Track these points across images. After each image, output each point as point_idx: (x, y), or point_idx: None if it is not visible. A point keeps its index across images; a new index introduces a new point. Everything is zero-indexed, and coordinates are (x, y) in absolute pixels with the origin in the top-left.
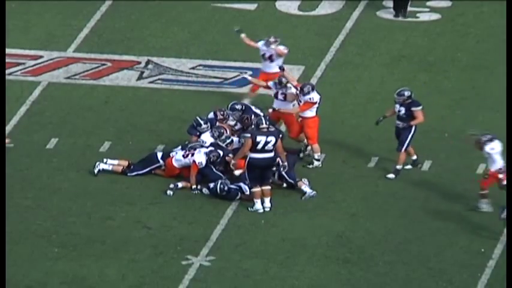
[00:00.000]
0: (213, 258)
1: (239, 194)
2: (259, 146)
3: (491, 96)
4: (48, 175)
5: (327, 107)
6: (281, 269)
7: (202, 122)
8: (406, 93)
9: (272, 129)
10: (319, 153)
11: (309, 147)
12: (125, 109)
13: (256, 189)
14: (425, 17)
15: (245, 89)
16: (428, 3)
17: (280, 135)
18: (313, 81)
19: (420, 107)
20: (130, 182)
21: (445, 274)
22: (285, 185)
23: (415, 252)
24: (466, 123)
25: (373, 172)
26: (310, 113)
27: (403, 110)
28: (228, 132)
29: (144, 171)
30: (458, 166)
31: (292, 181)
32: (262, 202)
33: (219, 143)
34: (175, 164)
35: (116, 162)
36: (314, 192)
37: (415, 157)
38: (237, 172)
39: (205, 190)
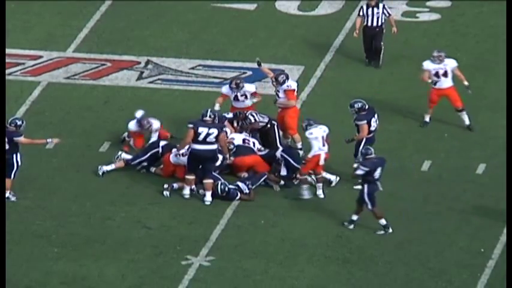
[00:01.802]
0: (213, 258)
1: (238, 194)
2: (201, 137)
3: (491, 97)
4: (48, 175)
5: (327, 107)
6: (281, 269)
7: (209, 114)
8: (356, 106)
9: (216, 122)
10: (300, 143)
11: (289, 139)
12: (125, 109)
13: (190, 177)
14: (425, 17)
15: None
16: (428, 3)
17: (224, 129)
18: (313, 81)
19: (363, 122)
20: (130, 182)
21: (444, 274)
22: (282, 182)
23: (415, 252)
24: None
25: None
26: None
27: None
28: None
29: (145, 156)
30: (458, 166)
31: (296, 164)
32: (192, 190)
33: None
34: (171, 160)
35: (113, 166)
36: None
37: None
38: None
39: (202, 191)
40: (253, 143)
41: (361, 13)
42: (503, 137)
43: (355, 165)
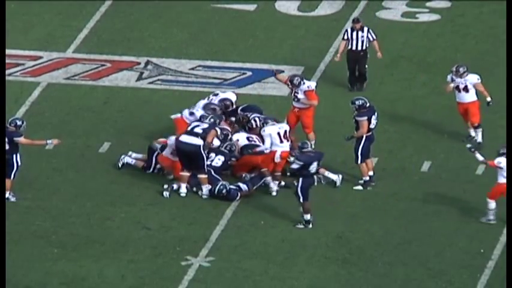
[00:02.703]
0: (213, 258)
1: (239, 194)
2: (189, 128)
3: (491, 97)
4: (47, 175)
5: (326, 107)
6: (280, 270)
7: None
8: (357, 103)
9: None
10: (314, 141)
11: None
12: (125, 110)
13: (184, 174)
14: (424, 17)
15: (244, 90)
16: (427, 4)
17: (216, 128)
18: (313, 81)
19: (364, 118)
20: (130, 183)
21: (444, 275)
22: (283, 183)
23: (415, 253)
24: (465, 123)
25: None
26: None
27: (354, 120)
28: (230, 130)
29: (153, 162)
30: (458, 167)
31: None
32: (188, 188)
33: (221, 148)
34: (165, 154)
35: (140, 156)
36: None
37: (371, 173)
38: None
39: (200, 193)
40: (258, 139)
41: (345, 37)
42: (503, 137)
43: (291, 159)
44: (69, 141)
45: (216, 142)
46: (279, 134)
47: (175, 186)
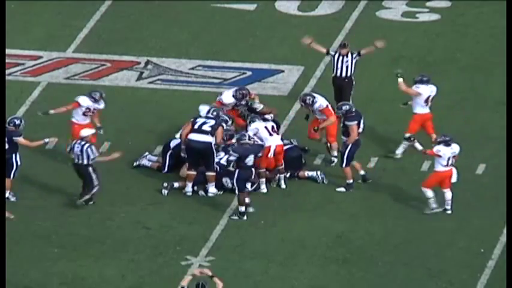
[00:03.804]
0: (213, 258)
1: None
2: (196, 125)
3: (491, 97)
4: (48, 175)
5: None
6: (281, 269)
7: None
8: (344, 108)
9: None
10: (336, 151)
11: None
12: (125, 109)
13: (191, 172)
14: (424, 17)
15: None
16: (427, 4)
17: (222, 124)
18: (313, 81)
19: (354, 122)
20: (130, 183)
21: (444, 274)
22: (282, 182)
23: (415, 253)
24: (465, 123)
25: (372, 172)
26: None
27: (342, 125)
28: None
29: (167, 161)
30: (458, 166)
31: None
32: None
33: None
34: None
35: (154, 158)
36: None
37: (362, 172)
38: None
39: (201, 193)
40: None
41: (331, 53)
42: (503, 137)
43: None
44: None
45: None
46: (266, 127)
47: (176, 185)
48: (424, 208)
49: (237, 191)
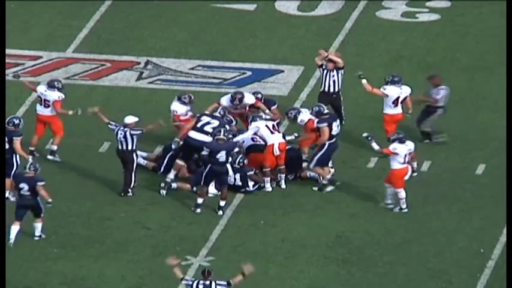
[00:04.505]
0: (212, 258)
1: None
2: (199, 124)
3: (491, 97)
4: (47, 175)
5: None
6: (280, 270)
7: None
8: (314, 109)
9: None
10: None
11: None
12: (124, 110)
13: (180, 162)
14: (424, 17)
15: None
16: (427, 4)
17: (226, 125)
18: (313, 81)
19: (324, 124)
20: None
21: (444, 274)
22: (283, 183)
23: (415, 253)
24: (465, 123)
25: (372, 173)
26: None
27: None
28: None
29: (166, 161)
30: (458, 167)
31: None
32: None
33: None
34: None
35: (144, 154)
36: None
37: (328, 177)
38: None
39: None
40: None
41: (321, 66)
42: (503, 138)
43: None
44: (69, 141)
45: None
46: (267, 126)
47: (174, 186)
48: (425, 208)
49: (201, 182)
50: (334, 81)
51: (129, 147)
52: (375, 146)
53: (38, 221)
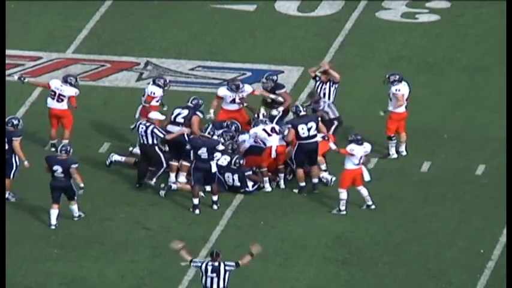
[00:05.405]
0: None
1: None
2: (172, 117)
3: (491, 97)
4: (47, 176)
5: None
6: (280, 270)
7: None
8: (292, 109)
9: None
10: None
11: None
12: (124, 110)
13: (174, 163)
14: (424, 18)
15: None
16: (427, 4)
17: (197, 113)
18: (312, 82)
19: (289, 125)
20: (130, 183)
21: (444, 275)
22: (281, 182)
23: (415, 253)
24: (465, 124)
25: (372, 173)
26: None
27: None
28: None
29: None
30: (458, 167)
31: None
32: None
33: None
34: None
35: (122, 159)
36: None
37: (315, 180)
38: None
39: (200, 193)
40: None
41: (315, 77)
42: (503, 138)
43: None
44: (69, 142)
45: (220, 147)
46: (264, 130)
47: (173, 187)
48: (425, 208)
49: (192, 182)
50: (324, 94)
51: (150, 142)
52: (332, 146)
53: (73, 203)
